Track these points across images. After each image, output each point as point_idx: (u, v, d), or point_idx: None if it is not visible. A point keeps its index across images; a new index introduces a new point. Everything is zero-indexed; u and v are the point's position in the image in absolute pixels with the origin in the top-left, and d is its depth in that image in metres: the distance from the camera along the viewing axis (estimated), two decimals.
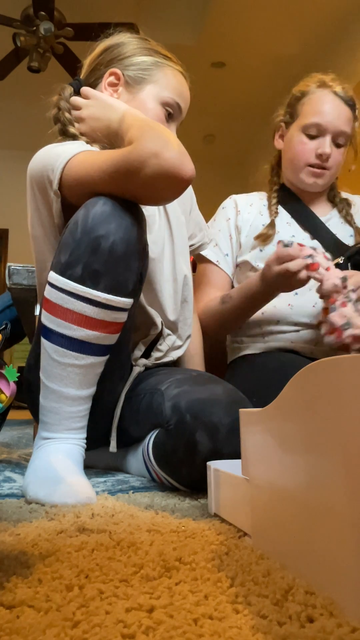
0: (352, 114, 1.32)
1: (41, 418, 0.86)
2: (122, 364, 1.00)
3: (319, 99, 1.32)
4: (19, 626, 0.35)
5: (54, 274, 0.83)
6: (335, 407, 0.38)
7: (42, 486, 0.77)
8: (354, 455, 0.36)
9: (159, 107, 1.05)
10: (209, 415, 0.81)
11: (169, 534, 0.58)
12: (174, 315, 1.13)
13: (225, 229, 1.42)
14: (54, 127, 1.06)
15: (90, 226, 0.80)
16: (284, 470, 0.46)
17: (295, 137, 1.34)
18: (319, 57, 4.11)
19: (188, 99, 1.10)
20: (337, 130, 1.30)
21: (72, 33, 3.49)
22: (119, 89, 1.05)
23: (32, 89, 4.70)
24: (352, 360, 0.37)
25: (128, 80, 1.05)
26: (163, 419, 0.86)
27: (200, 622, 0.35)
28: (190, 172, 0.80)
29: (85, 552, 0.50)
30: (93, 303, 0.81)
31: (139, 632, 0.34)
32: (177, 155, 0.78)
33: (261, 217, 1.41)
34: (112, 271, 0.81)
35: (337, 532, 0.37)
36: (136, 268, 0.84)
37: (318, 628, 0.34)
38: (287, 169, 1.41)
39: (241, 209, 1.43)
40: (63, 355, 0.82)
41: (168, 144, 0.79)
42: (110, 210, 0.81)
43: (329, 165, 1.32)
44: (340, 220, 1.41)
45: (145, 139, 0.80)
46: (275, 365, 1.22)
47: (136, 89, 1.05)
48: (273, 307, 1.30)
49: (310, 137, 1.32)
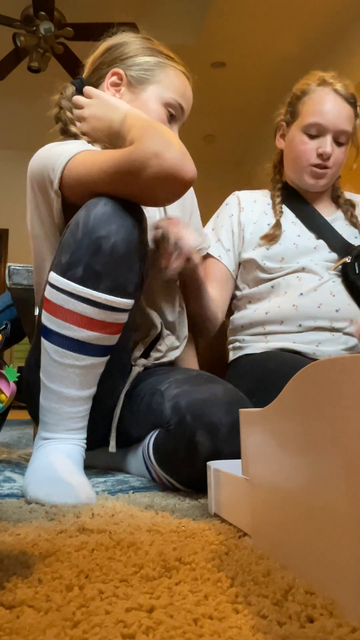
0: (353, 112, 1.32)
1: (41, 418, 0.86)
2: (122, 364, 1.00)
3: (320, 98, 1.31)
4: (19, 626, 0.35)
5: (55, 274, 0.83)
6: (335, 407, 0.38)
7: (42, 486, 0.77)
8: (354, 455, 0.36)
9: (161, 107, 1.04)
10: (209, 416, 0.81)
11: (169, 534, 0.58)
12: (172, 316, 1.13)
13: (228, 225, 1.41)
14: (55, 126, 1.06)
15: (91, 227, 0.80)
16: (284, 470, 0.46)
17: (297, 137, 1.34)
18: (319, 57, 4.11)
19: (191, 100, 1.10)
20: (337, 129, 1.30)
21: (72, 33, 3.49)
22: (122, 89, 1.05)
23: (32, 89, 4.70)
24: (352, 360, 0.37)
25: (131, 81, 1.05)
26: (163, 419, 0.86)
27: (200, 622, 0.35)
28: (192, 173, 0.79)
29: (85, 552, 0.50)
30: (94, 304, 0.81)
31: (139, 632, 0.34)
32: (179, 156, 0.78)
33: (266, 216, 1.40)
34: (113, 272, 0.80)
35: (337, 532, 0.37)
36: (137, 269, 0.84)
37: (318, 628, 0.34)
38: (289, 169, 1.41)
39: (244, 206, 1.43)
40: (63, 356, 0.82)
41: (170, 145, 0.78)
42: (111, 210, 0.80)
43: (330, 164, 1.32)
44: (345, 222, 1.41)
45: (147, 139, 0.79)
46: (276, 365, 1.22)
47: (139, 89, 1.05)
48: (277, 307, 1.29)
49: (311, 137, 1.32)
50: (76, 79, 1.10)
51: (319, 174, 1.33)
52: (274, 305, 1.29)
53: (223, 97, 4.88)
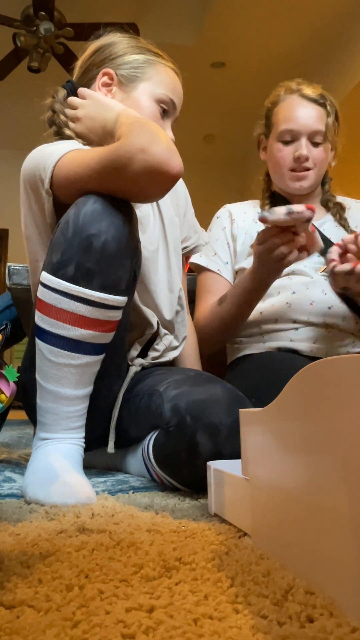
0: (323, 111, 1.34)
1: (39, 419, 0.86)
2: (118, 362, 1.00)
3: (288, 105, 1.35)
4: (19, 626, 0.35)
5: (46, 274, 0.83)
6: (335, 407, 0.38)
7: (42, 487, 0.77)
8: (353, 456, 0.36)
9: (153, 104, 1.05)
10: (209, 416, 0.81)
11: (169, 534, 0.58)
12: (170, 315, 1.13)
13: (223, 238, 1.43)
14: (49, 130, 1.06)
15: (81, 225, 0.80)
16: (284, 470, 0.46)
17: (274, 146, 1.37)
18: (319, 57, 4.12)
19: (182, 96, 1.10)
20: (310, 131, 1.32)
21: (72, 33, 3.49)
22: (113, 88, 1.06)
23: (32, 89, 4.70)
24: (352, 360, 0.37)
25: (121, 80, 1.05)
26: (163, 420, 0.86)
27: (200, 622, 0.35)
28: (177, 167, 0.79)
29: (85, 552, 0.50)
30: (87, 302, 0.81)
31: (139, 632, 0.34)
32: (165, 150, 0.78)
33: (255, 224, 1.42)
34: (105, 270, 0.81)
35: (337, 532, 0.37)
36: (129, 266, 0.85)
37: (318, 628, 0.34)
38: (274, 178, 1.44)
39: (235, 218, 1.45)
40: (58, 356, 0.82)
41: (155, 140, 0.79)
42: (101, 208, 0.81)
43: (310, 165, 1.34)
44: (334, 224, 1.42)
45: (133, 135, 0.80)
46: (275, 365, 1.23)
47: (130, 87, 1.05)
48: (271, 306, 1.31)
49: (286, 143, 1.35)
50: (67, 82, 1.10)
51: (299, 177, 1.35)
52: (268, 305, 1.31)
53: (223, 97, 4.88)
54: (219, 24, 3.95)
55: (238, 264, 1.40)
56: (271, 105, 1.40)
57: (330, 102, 1.35)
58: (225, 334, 1.35)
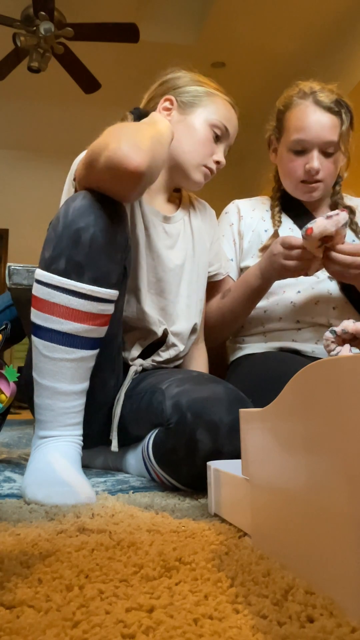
0: (337, 120, 1.28)
1: (37, 417, 0.86)
2: (111, 357, 1.00)
3: (301, 113, 1.29)
4: (19, 626, 0.35)
5: (39, 270, 0.85)
6: (335, 407, 0.38)
7: (41, 488, 0.77)
8: (354, 455, 0.36)
9: (207, 127, 1.12)
10: (209, 414, 0.82)
11: (169, 534, 0.58)
12: (183, 328, 1.15)
13: (229, 234, 1.42)
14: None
15: (70, 219, 0.83)
16: (284, 470, 0.46)
17: (284, 154, 1.34)
18: (319, 57, 4.11)
19: (236, 126, 1.18)
20: (322, 142, 1.27)
21: (72, 33, 3.49)
22: (172, 112, 1.13)
23: (32, 89, 4.71)
24: (352, 360, 0.37)
25: (181, 105, 1.14)
26: (164, 417, 0.86)
27: (200, 622, 0.35)
28: (136, 163, 0.80)
29: (85, 552, 0.50)
30: (78, 295, 0.82)
31: (139, 632, 0.34)
32: (126, 147, 0.80)
33: (263, 222, 1.40)
34: (94, 263, 0.83)
35: (337, 532, 0.37)
36: (119, 259, 0.87)
37: (318, 628, 0.34)
38: (284, 184, 1.40)
39: (244, 214, 1.43)
40: (53, 350, 0.83)
41: (121, 138, 0.81)
42: (89, 203, 0.84)
43: (321, 177, 1.30)
44: None
45: (106, 134, 0.84)
46: (276, 365, 1.22)
47: (187, 111, 1.13)
48: (275, 305, 1.31)
49: (297, 153, 1.30)
50: (134, 109, 1.18)
51: (309, 189, 1.33)
52: (273, 303, 1.30)
53: None
54: (219, 24, 3.95)
55: (243, 261, 1.39)
56: (283, 108, 1.34)
57: (345, 109, 1.29)
58: (226, 329, 1.35)
